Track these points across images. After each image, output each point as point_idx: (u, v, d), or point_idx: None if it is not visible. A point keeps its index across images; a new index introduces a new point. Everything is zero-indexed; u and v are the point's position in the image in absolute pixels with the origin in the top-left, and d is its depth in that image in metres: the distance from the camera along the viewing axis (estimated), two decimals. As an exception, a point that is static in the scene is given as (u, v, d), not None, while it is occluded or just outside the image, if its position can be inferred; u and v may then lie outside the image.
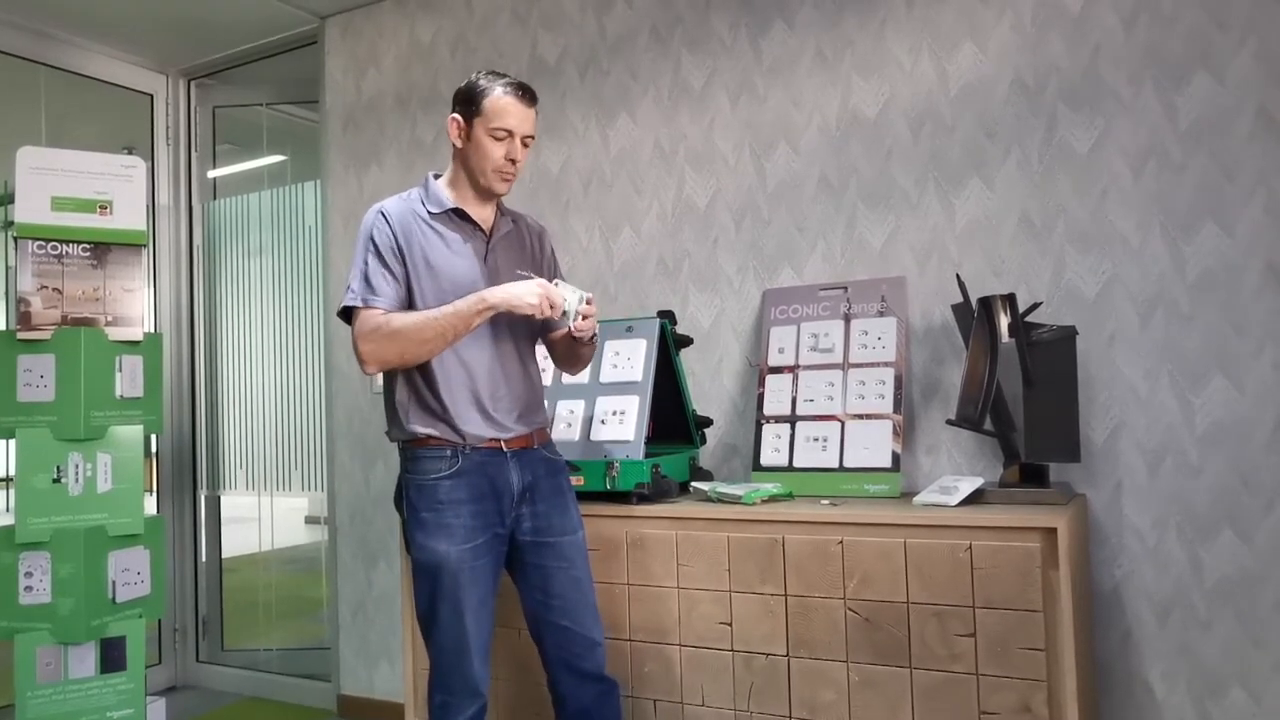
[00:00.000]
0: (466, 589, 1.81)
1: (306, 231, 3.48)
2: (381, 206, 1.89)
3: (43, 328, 2.36)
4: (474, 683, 1.84)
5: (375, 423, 3.20)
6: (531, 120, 1.89)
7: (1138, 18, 2.09)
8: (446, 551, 1.81)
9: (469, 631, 1.82)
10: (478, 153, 1.86)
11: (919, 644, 1.82)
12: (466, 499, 1.83)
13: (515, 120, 1.85)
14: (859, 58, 2.41)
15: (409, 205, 1.90)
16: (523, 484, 1.89)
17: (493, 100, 1.85)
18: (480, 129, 1.85)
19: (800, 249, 2.47)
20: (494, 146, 1.85)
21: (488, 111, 1.85)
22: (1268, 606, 1.94)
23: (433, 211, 1.89)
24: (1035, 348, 2.00)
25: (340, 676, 3.26)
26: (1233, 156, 2.00)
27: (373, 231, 1.86)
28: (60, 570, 2.32)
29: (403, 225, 1.86)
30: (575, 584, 1.91)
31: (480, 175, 1.88)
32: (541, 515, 1.90)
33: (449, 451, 1.84)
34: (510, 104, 1.85)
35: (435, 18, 3.12)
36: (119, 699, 2.39)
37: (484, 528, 1.84)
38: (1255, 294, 1.97)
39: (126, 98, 3.65)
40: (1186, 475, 2.02)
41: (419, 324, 1.79)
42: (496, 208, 1.98)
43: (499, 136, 1.85)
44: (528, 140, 1.89)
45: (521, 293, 1.79)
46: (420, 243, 1.86)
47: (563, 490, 1.96)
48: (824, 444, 2.24)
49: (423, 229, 1.87)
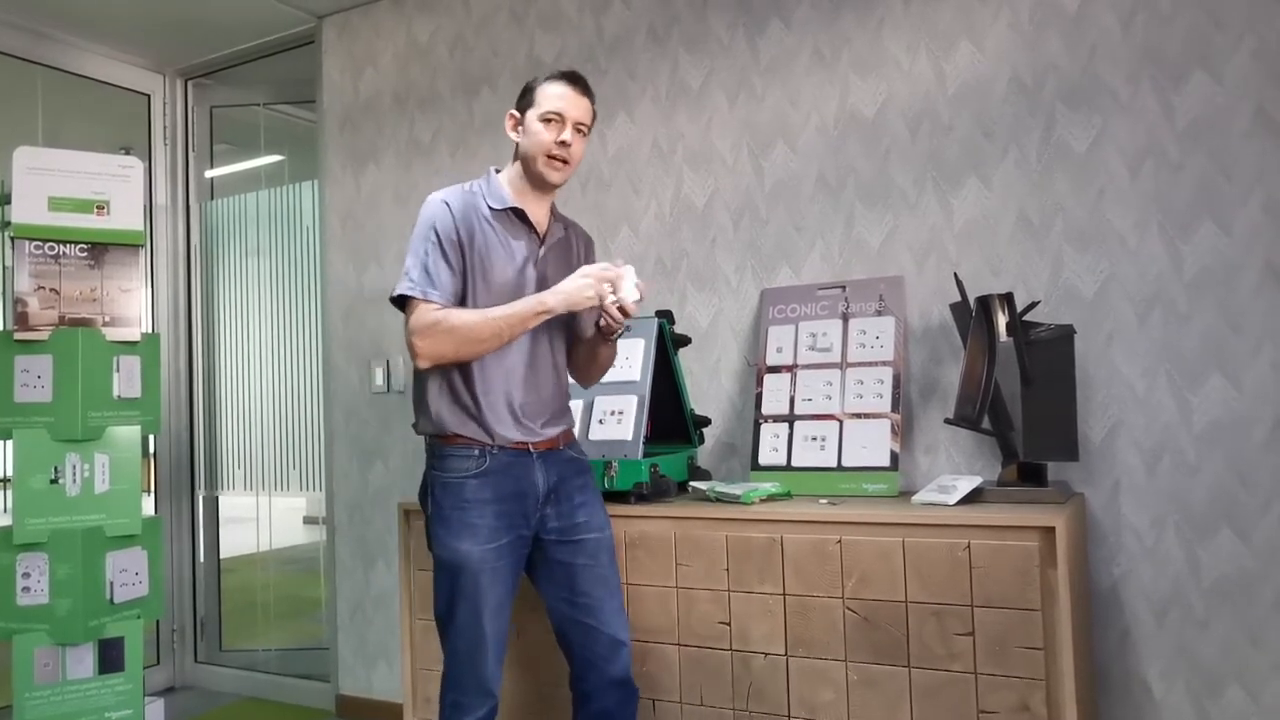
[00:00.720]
0: (486, 589, 1.82)
1: (304, 231, 3.48)
2: (445, 196, 1.88)
3: (40, 328, 2.36)
4: (487, 683, 1.84)
5: (373, 423, 3.20)
6: (584, 108, 1.89)
7: (1135, 17, 2.09)
8: (469, 551, 1.81)
9: (486, 632, 1.82)
10: (530, 140, 1.87)
11: (917, 643, 1.82)
12: (492, 499, 1.83)
13: (565, 104, 1.86)
14: (856, 57, 2.41)
15: (471, 199, 1.89)
16: (548, 485, 1.89)
17: (545, 87, 1.88)
18: (532, 117, 1.87)
19: (798, 248, 2.47)
20: (545, 131, 1.86)
21: (539, 98, 1.87)
22: (1266, 605, 1.95)
23: (493, 208, 1.89)
24: (1033, 347, 2.00)
25: (339, 677, 3.25)
26: (1230, 156, 2.00)
27: (436, 221, 1.85)
28: (58, 571, 2.32)
29: (464, 218, 1.86)
30: (602, 582, 1.92)
31: (532, 163, 1.88)
32: (567, 514, 1.91)
33: (477, 451, 1.84)
34: (560, 89, 1.87)
35: (432, 17, 3.12)
36: (117, 700, 2.39)
37: (508, 528, 1.84)
38: (1253, 293, 1.98)
39: (123, 98, 3.64)
40: (1184, 474, 2.03)
41: (477, 323, 1.79)
42: (551, 211, 1.98)
43: (549, 119, 1.86)
44: (581, 127, 1.89)
45: (578, 288, 1.79)
46: (479, 239, 1.86)
47: (589, 489, 1.97)
48: (822, 443, 2.24)
49: (482, 225, 1.87)
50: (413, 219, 3.09)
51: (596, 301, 1.79)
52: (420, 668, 2.37)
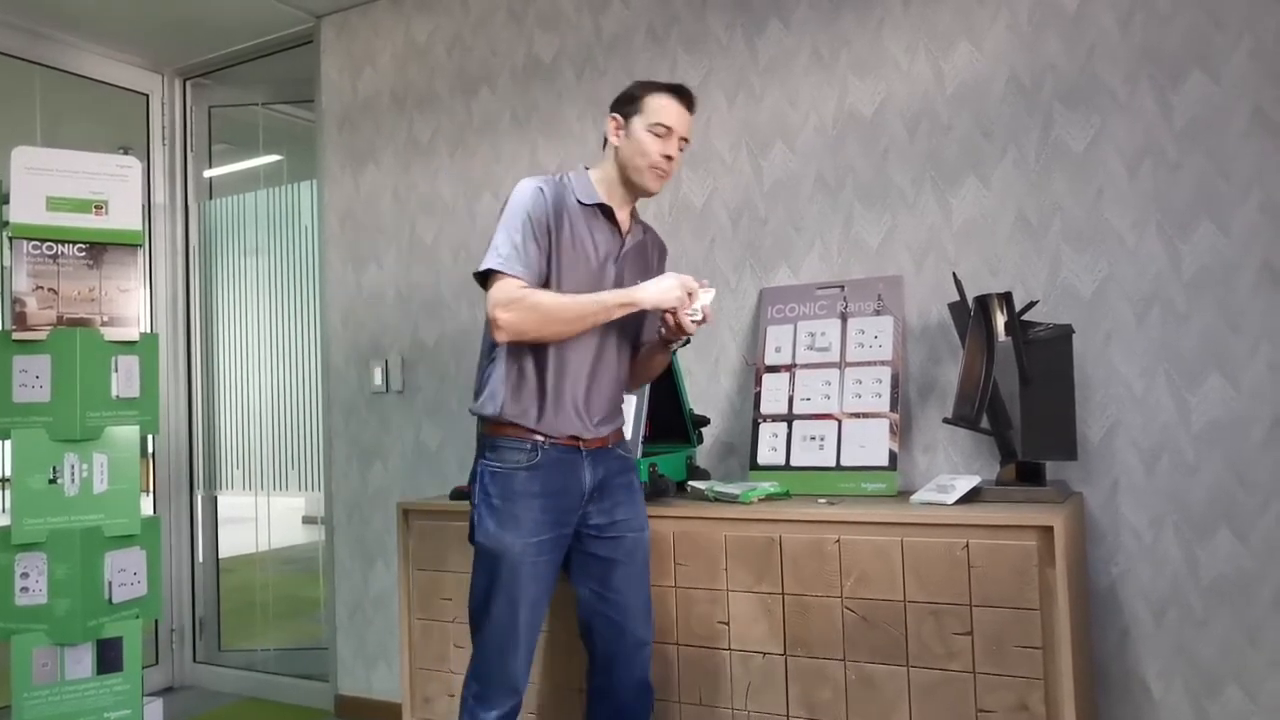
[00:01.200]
0: (525, 583, 1.83)
1: (303, 231, 3.48)
2: (540, 183, 1.88)
3: (38, 328, 2.35)
4: (513, 679, 1.85)
5: (372, 423, 3.19)
6: (689, 123, 1.92)
7: (1133, 17, 2.10)
8: (511, 542, 1.82)
9: (519, 627, 1.83)
10: (636, 148, 1.88)
11: (916, 642, 1.82)
12: (539, 493, 1.84)
13: (674, 118, 1.88)
14: (855, 57, 2.41)
15: (561, 189, 1.90)
16: (594, 482, 1.90)
17: (654, 98, 1.89)
18: (639, 125, 1.88)
19: (797, 248, 2.47)
20: (652, 142, 1.87)
21: (648, 108, 1.88)
22: (1264, 605, 1.95)
23: (582, 202, 1.91)
24: (1032, 346, 2.00)
25: (338, 677, 3.25)
26: (1228, 155, 2.00)
27: (530, 204, 1.85)
28: (56, 571, 2.32)
29: (556, 206, 1.87)
30: (635, 581, 1.93)
31: (635, 172, 1.89)
32: (609, 511, 1.92)
33: (529, 445, 1.85)
34: (671, 103, 1.89)
35: (431, 17, 3.12)
36: (116, 700, 2.39)
37: (551, 525, 1.85)
38: (1251, 292, 1.98)
39: (122, 97, 3.64)
40: (1183, 474, 2.03)
41: (564, 304, 1.80)
42: (632, 215, 2.00)
43: (658, 133, 1.87)
44: (683, 142, 1.91)
45: (667, 288, 1.80)
46: (567, 229, 1.87)
47: (633, 487, 1.98)
48: (821, 443, 2.24)
49: (571, 216, 1.88)
50: (411, 219, 3.12)
51: (679, 305, 1.81)
52: (419, 667, 2.37)
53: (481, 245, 2.96)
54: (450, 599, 2.31)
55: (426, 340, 3.10)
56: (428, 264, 3.10)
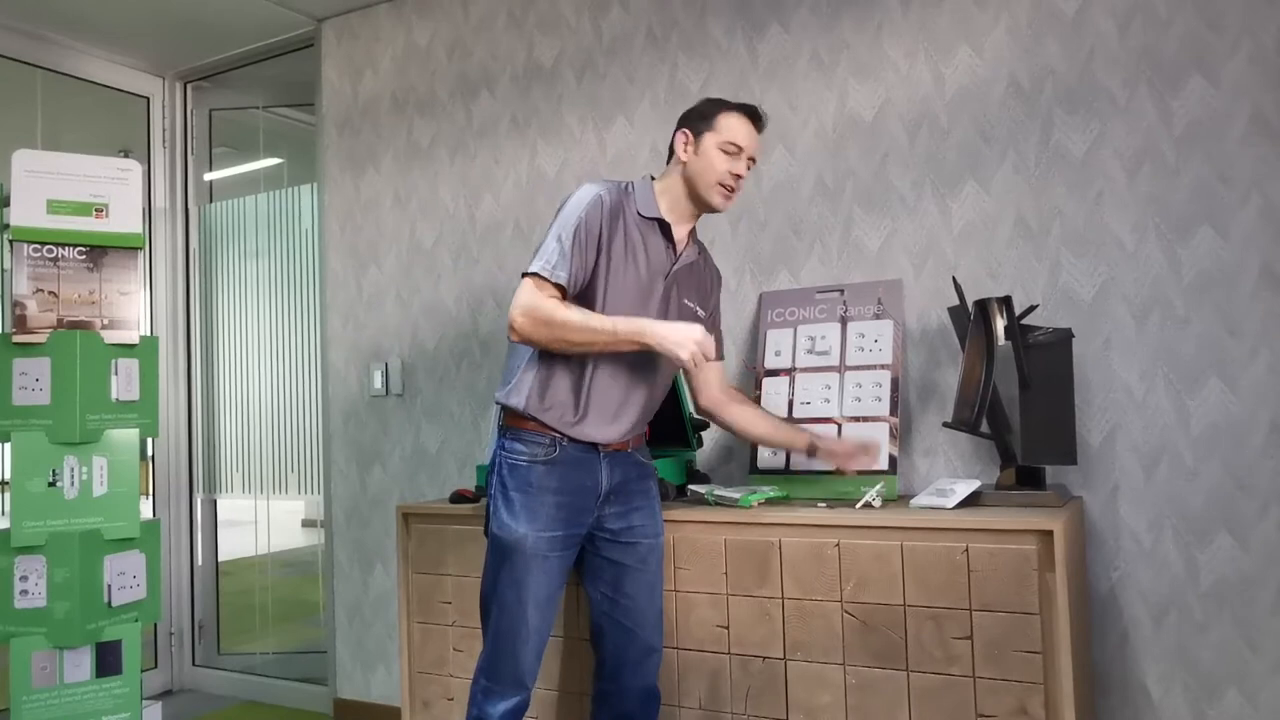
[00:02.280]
0: (535, 577, 1.83)
1: (303, 234, 3.48)
2: (601, 190, 1.88)
3: (38, 331, 2.36)
4: (521, 674, 1.85)
5: (372, 426, 3.19)
6: (758, 144, 1.94)
7: (1132, 21, 2.10)
8: (525, 534, 1.83)
9: (529, 621, 1.84)
10: (705, 165, 1.89)
11: (916, 647, 1.82)
12: (555, 489, 1.85)
13: (746, 137, 1.90)
14: (855, 61, 2.41)
15: (622, 199, 1.90)
16: (610, 484, 1.91)
17: (726, 117, 1.90)
18: (710, 142, 1.89)
19: (797, 252, 2.47)
20: (722, 160, 1.88)
21: (720, 126, 1.89)
22: (1263, 609, 1.95)
23: (642, 214, 1.90)
24: (1031, 350, 2.00)
25: (337, 680, 3.25)
26: (1227, 160, 2.00)
27: (586, 211, 1.85)
28: (55, 574, 2.31)
29: (613, 216, 1.87)
30: (648, 587, 1.94)
31: (703, 189, 1.90)
32: (625, 515, 1.92)
33: (548, 440, 1.86)
34: (744, 123, 1.91)
35: (431, 21, 3.12)
36: (115, 703, 2.39)
37: (565, 521, 1.86)
38: (1250, 297, 1.98)
39: (122, 100, 3.65)
40: (1182, 478, 2.03)
41: (575, 325, 1.78)
42: (691, 233, 1.99)
43: (729, 151, 1.88)
44: (751, 162, 1.93)
45: (679, 340, 1.75)
46: (620, 241, 1.87)
47: (650, 493, 1.98)
48: (821, 447, 2.23)
49: (628, 226, 1.88)
50: (411, 222, 3.13)
51: (688, 364, 1.77)
52: (419, 671, 2.36)
53: (481, 248, 2.98)
54: (449, 602, 2.31)
55: (426, 343, 3.10)
56: (428, 267, 3.10)
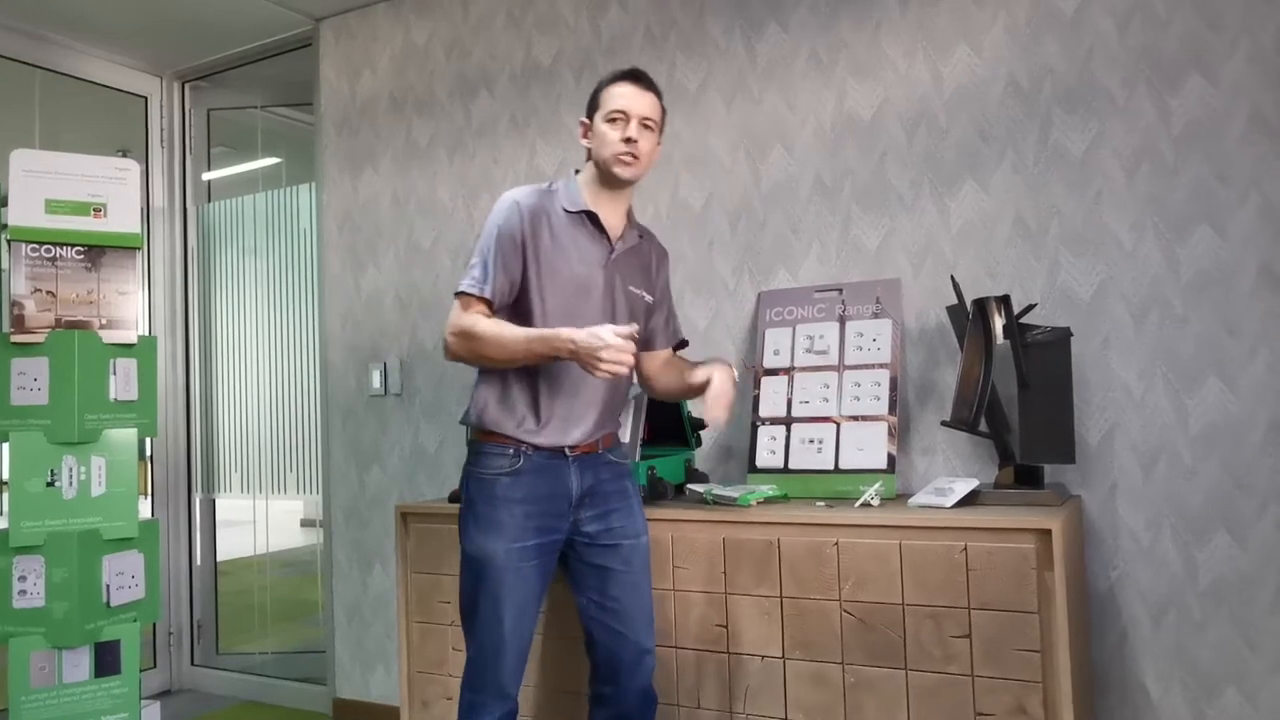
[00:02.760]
0: (510, 589, 1.82)
1: (301, 234, 3.48)
2: (517, 197, 1.88)
3: (36, 331, 2.35)
4: (504, 685, 1.84)
5: (371, 425, 3.19)
6: (648, 103, 1.88)
7: (1131, 20, 2.10)
8: (495, 548, 1.81)
9: (505, 632, 1.82)
10: (599, 142, 1.87)
11: (914, 645, 1.82)
12: (522, 499, 1.83)
13: (627, 101, 1.86)
14: (853, 60, 2.41)
15: (545, 200, 1.89)
16: (582, 488, 1.89)
17: (607, 90, 1.89)
18: (600, 119, 1.88)
19: (795, 251, 2.47)
20: (611, 130, 1.86)
21: (603, 100, 1.88)
22: (1262, 608, 1.95)
23: (567, 210, 1.89)
24: (1030, 349, 2.00)
25: (336, 680, 3.25)
26: (1226, 159, 2.01)
27: (503, 221, 1.85)
28: (54, 574, 2.31)
29: (534, 220, 1.86)
30: (634, 589, 1.92)
31: (603, 164, 1.88)
32: (604, 517, 1.91)
33: (512, 450, 1.85)
34: (622, 88, 1.87)
35: (430, 20, 3.12)
36: (113, 703, 2.38)
37: (536, 530, 1.84)
38: (1249, 296, 1.98)
39: (121, 100, 3.64)
40: (1181, 477, 2.03)
41: (495, 340, 1.78)
42: (628, 219, 1.98)
43: (614, 118, 1.86)
44: (648, 122, 1.88)
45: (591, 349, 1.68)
46: (547, 241, 1.86)
47: (628, 493, 1.96)
48: (819, 446, 2.24)
49: (553, 227, 1.87)
50: (410, 222, 3.13)
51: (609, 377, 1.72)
52: (418, 671, 2.36)
53: (480, 248, 2.98)
54: (449, 602, 2.31)
55: (425, 343, 3.10)
56: (426, 267, 3.10)
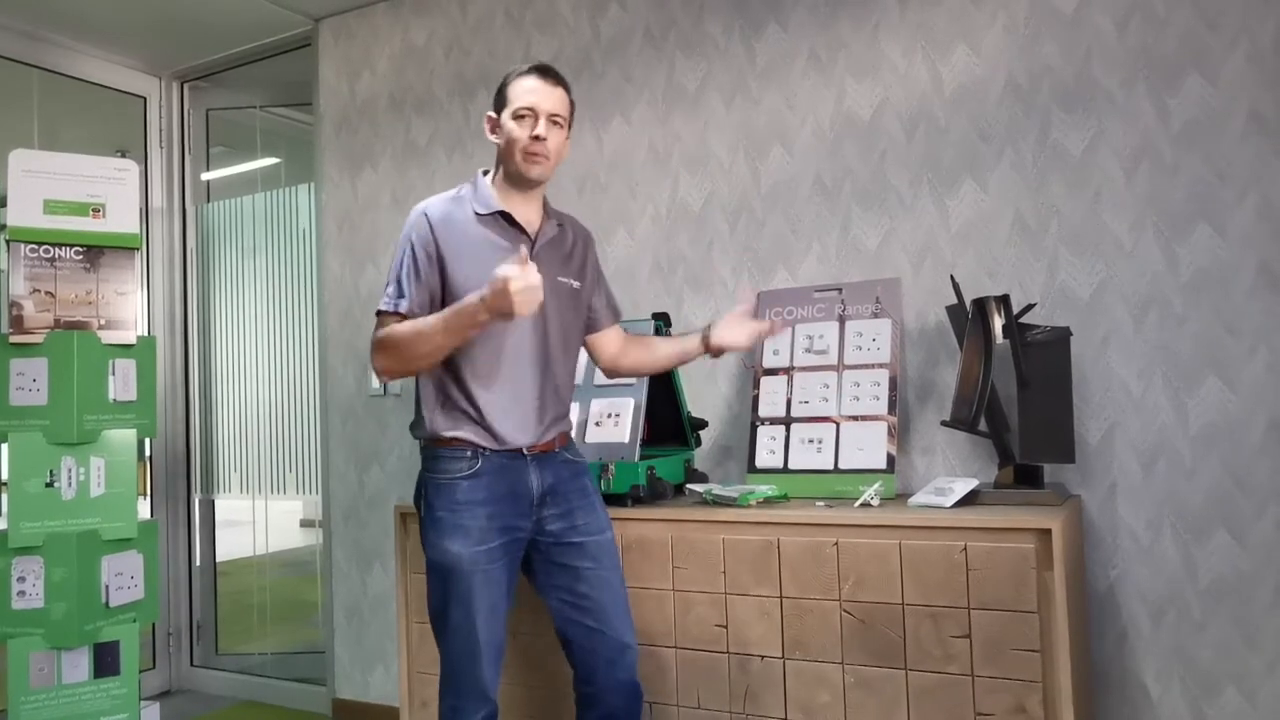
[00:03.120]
0: (479, 592, 1.81)
1: (300, 234, 3.48)
2: (426, 207, 1.87)
3: (35, 331, 2.35)
4: (483, 687, 1.83)
5: (369, 425, 3.19)
6: (556, 99, 1.86)
7: (1130, 19, 2.10)
8: (460, 553, 1.80)
9: (479, 635, 1.81)
10: (507, 140, 1.86)
11: (914, 645, 1.82)
12: (484, 500, 1.82)
13: (536, 97, 1.83)
14: (853, 60, 2.41)
15: (455, 206, 1.88)
16: (542, 487, 1.88)
17: (513, 84, 1.86)
18: (507, 116, 1.86)
19: (795, 250, 2.47)
20: (518, 127, 1.84)
21: (510, 96, 1.86)
22: (1261, 607, 1.95)
23: (479, 213, 1.88)
24: (1030, 349, 2.00)
25: (335, 680, 3.25)
26: (1225, 158, 2.01)
27: (413, 234, 1.84)
28: (53, 575, 2.31)
29: (445, 228, 1.84)
30: (604, 584, 1.90)
31: (515, 164, 1.85)
32: (566, 516, 1.90)
33: (469, 453, 1.83)
34: (530, 83, 1.85)
35: (429, 20, 3.12)
36: (112, 704, 2.38)
37: (500, 530, 1.83)
38: (1248, 295, 1.98)
39: (119, 100, 3.64)
40: (1180, 476, 2.03)
41: (413, 335, 1.76)
42: (543, 210, 1.96)
43: (522, 114, 1.84)
44: (556, 118, 1.86)
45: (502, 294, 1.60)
46: (462, 247, 1.84)
47: (587, 491, 1.96)
48: (819, 446, 2.23)
49: (467, 232, 1.85)
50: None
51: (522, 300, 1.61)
52: (417, 671, 2.36)
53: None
54: (448, 602, 2.31)
55: (424, 343, 3.09)
56: (425, 267, 3.10)
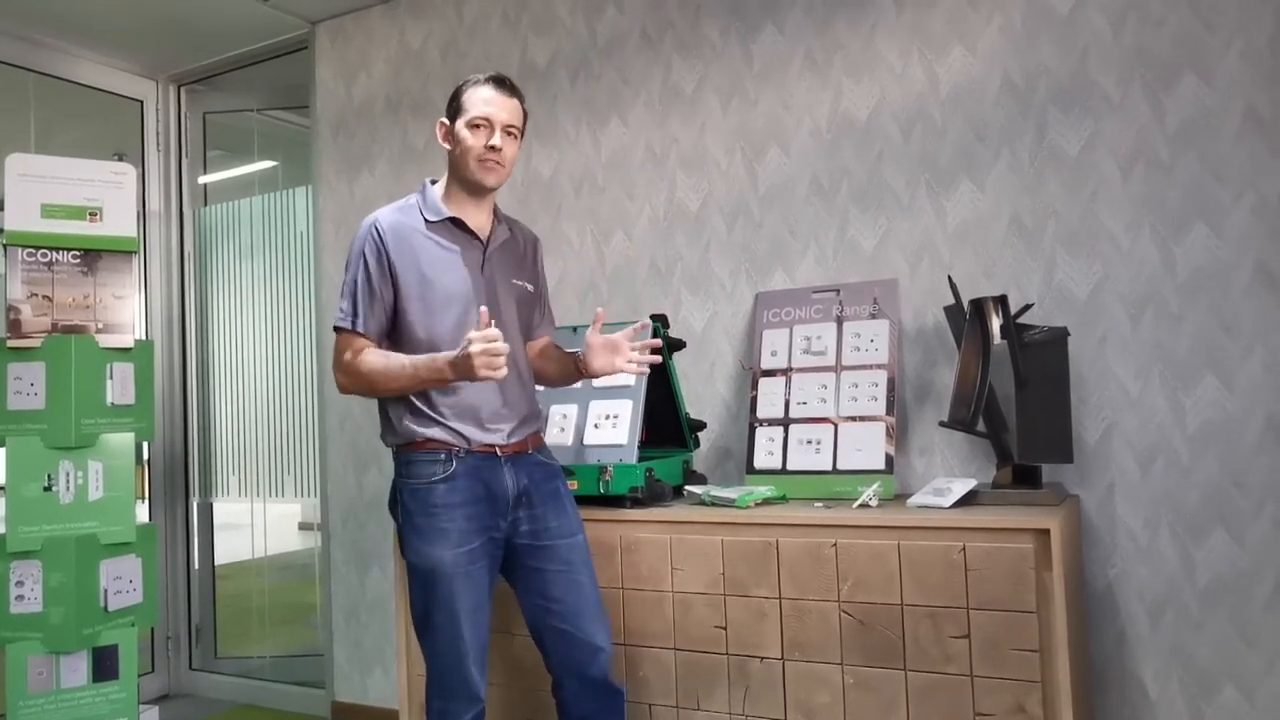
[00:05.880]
0: (461, 594, 1.81)
1: (298, 237, 3.47)
2: (376, 218, 1.88)
3: (33, 335, 2.35)
4: (471, 688, 1.83)
5: (368, 428, 3.19)
6: (511, 109, 1.88)
7: (1126, 19, 2.10)
8: (440, 556, 1.80)
9: (464, 636, 1.81)
10: (461, 148, 1.87)
11: (913, 646, 1.82)
12: (460, 503, 1.82)
13: (492, 108, 1.85)
14: (849, 61, 2.41)
15: (405, 216, 1.89)
16: (518, 488, 1.88)
17: (469, 94, 1.88)
18: (461, 125, 1.87)
19: (792, 251, 2.48)
20: (473, 137, 1.85)
21: (465, 105, 1.87)
22: (1259, 605, 1.95)
23: (430, 220, 1.88)
24: (1027, 349, 2.01)
25: (334, 683, 3.24)
26: (1221, 157, 2.01)
27: (364, 246, 1.86)
28: (51, 579, 2.31)
29: (396, 238, 1.85)
30: (576, 587, 1.90)
31: (469, 172, 1.87)
32: (539, 518, 1.90)
33: (443, 455, 1.84)
34: (485, 93, 1.86)
35: (425, 23, 3.12)
36: (111, 708, 2.38)
37: (478, 531, 1.83)
38: (1244, 294, 1.98)
39: (116, 104, 3.64)
40: (1178, 475, 2.03)
41: (382, 376, 1.81)
42: (494, 215, 1.97)
43: (478, 124, 1.85)
44: (511, 129, 1.88)
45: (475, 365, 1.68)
46: (414, 255, 1.85)
47: (559, 494, 1.96)
48: (817, 446, 2.24)
49: (418, 240, 1.86)
50: (407, 224, 3.12)
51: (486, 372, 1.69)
52: (416, 674, 2.36)
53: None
54: (447, 605, 2.31)
55: (422, 345, 3.09)
56: (423, 269, 3.10)
